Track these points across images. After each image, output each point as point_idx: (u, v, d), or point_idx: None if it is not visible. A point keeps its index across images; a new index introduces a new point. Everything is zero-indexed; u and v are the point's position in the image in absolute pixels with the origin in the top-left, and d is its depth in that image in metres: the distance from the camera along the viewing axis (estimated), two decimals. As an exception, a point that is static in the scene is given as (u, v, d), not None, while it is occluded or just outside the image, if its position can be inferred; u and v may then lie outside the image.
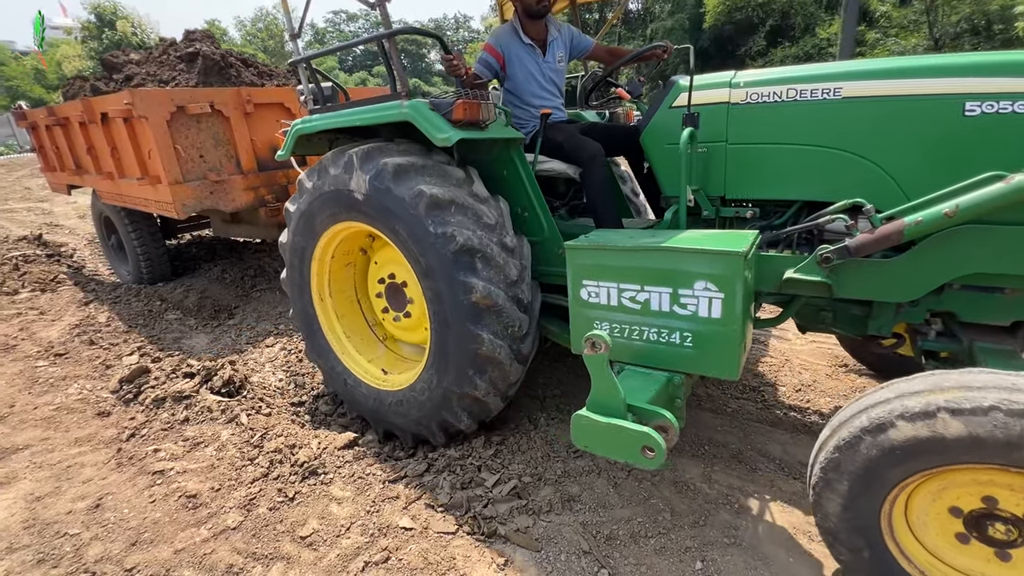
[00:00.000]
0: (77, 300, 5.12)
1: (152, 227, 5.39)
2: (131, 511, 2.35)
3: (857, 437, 1.46)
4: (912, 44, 18.66)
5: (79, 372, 3.67)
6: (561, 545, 2.05)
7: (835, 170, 2.03)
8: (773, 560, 1.94)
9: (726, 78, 2.21)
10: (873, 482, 1.47)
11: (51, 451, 2.81)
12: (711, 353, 1.86)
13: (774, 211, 2.30)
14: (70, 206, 9.99)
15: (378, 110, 2.44)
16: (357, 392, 2.83)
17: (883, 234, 1.76)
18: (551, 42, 2.98)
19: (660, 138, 2.38)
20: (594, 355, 1.71)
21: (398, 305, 2.82)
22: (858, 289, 1.93)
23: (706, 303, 1.82)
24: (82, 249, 7.15)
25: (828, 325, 2.30)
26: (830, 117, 2.00)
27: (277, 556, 2.08)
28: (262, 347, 4.01)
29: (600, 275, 2.01)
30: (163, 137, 4.02)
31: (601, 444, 1.78)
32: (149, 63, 5.42)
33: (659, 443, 1.64)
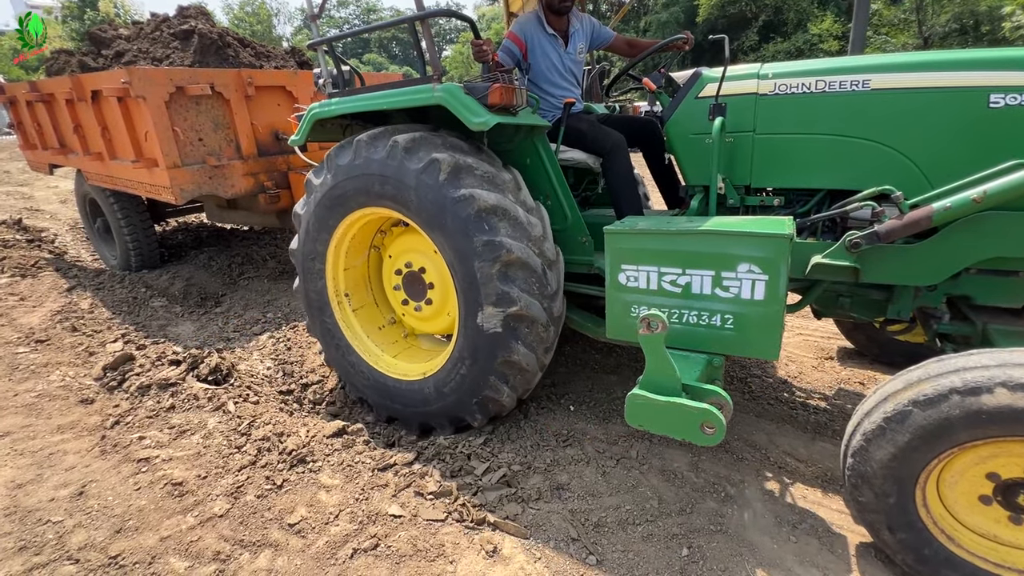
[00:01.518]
0: (59, 286, 5.01)
1: (141, 211, 5.19)
2: (115, 498, 2.32)
3: (942, 396, 1.51)
4: (902, 42, 18.86)
5: (61, 359, 3.60)
6: (550, 532, 2.07)
7: (862, 159, 2.10)
8: (758, 547, 1.97)
9: (754, 70, 2.27)
10: (939, 440, 1.52)
11: (33, 438, 2.76)
12: (753, 335, 1.91)
13: (798, 199, 2.35)
14: (51, 190, 9.76)
15: (409, 93, 2.39)
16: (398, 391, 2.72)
17: (912, 220, 1.83)
18: (573, 33, 3.00)
19: (685, 128, 2.42)
20: (650, 335, 1.76)
21: (418, 294, 2.78)
22: (884, 274, 2.00)
23: (749, 285, 1.86)
24: (64, 234, 6.99)
25: (846, 310, 2.36)
26: (859, 108, 2.06)
27: (265, 543, 2.07)
28: (250, 335, 3.97)
29: (640, 259, 2.04)
30: (161, 119, 3.85)
31: (658, 422, 1.84)
32: (140, 39, 5.15)
33: (720, 419, 1.70)
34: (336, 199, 2.59)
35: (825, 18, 20.70)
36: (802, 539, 2.01)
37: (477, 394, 2.44)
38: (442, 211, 2.26)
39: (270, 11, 40.18)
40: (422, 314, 2.82)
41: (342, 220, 2.64)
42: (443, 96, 2.26)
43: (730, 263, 1.87)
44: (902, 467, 1.60)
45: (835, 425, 2.69)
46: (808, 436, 2.62)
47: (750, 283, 1.86)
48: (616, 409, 2.87)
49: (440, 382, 2.55)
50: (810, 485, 2.29)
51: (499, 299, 2.25)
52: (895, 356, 3.11)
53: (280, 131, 4.55)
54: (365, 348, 2.88)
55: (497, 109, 2.27)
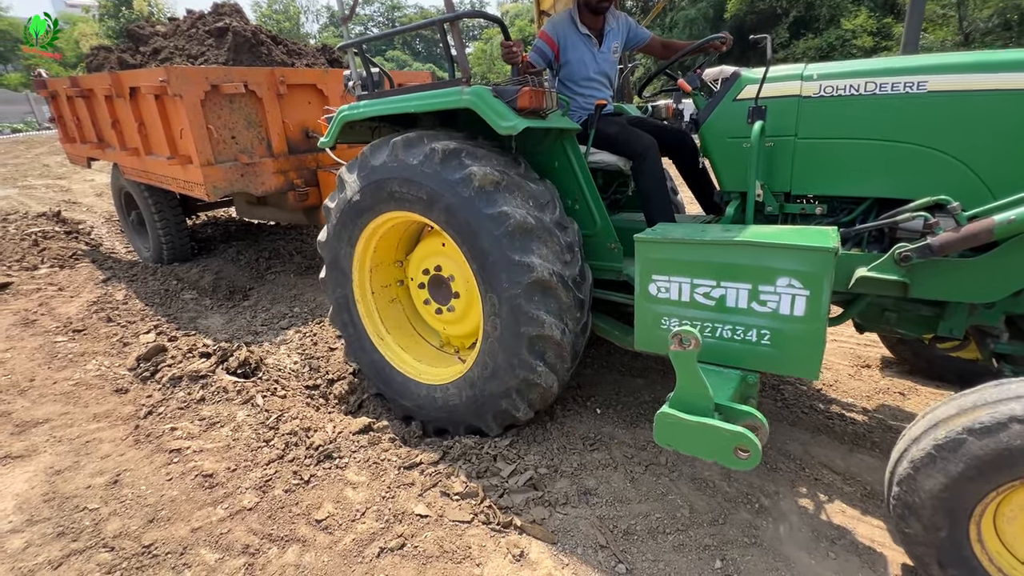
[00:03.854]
0: (95, 277, 5.16)
1: (174, 205, 5.32)
2: (148, 488, 2.37)
3: (1001, 424, 1.42)
4: (940, 38, 18.18)
5: (97, 348, 3.70)
6: (577, 538, 2.03)
7: (915, 166, 1.97)
8: (795, 562, 1.91)
9: (797, 71, 2.15)
10: (997, 472, 1.43)
11: (70, 425, 2.84)
12: (792, 352, 1.82)
13: (842, 208, 2.23)
14: (87, 184, 10.08)
15: (437, 96, 2.37)
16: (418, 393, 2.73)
17: (970, 232, 1.70)
18: (608, 32, 2.90)
19: (721, 131, 2.33)
20: (682, 351, 1.68)
21: (443, 298, 2.75)
22: (936, 289, 1.88)
23: (788, 300, 1.76)
24: (99, 227, 7.20)
25: (892, 326, 2.23)
26: (913, 112, 1.93)
27: (293, 538, 2.08)
28: (277, 329, 4.02)
29: (672, 270, 1.95)
30: (197, 117, 3.93)
31: (688, 443, 1.76)
32: (176, 36, 5.27)
33: (755, 443, 1.62)
34: (368, 199, 2.57)
35: (859, 13, 20.07)
36: (841, 556, 1.93)
37: (495, 407, 2.44)
38: (474, 226, 2.23)
39: (299, 8, 40.79)
40: (443, 317, 2.79)
41: (371, 220, 2.63)
42: (471, 99, 2.23)
43: (769, 276, 1.78)
44: (954, 499, 1.50)
45: (873, 436, 2.59)
46: (846, 447, 2.52)
47: (790, 298, 1.76)
48: (643, 414, 2.81)
49: (460, 390, 2.54)
50: (848, 499, 2.21)
51: (525, 319, 2.21)
52: (945, 372, 2.94)
53: (310, 129, 4.60)
54: (388, 347, 2.88)
55: (526, 112, 2.23)
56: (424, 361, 2.89)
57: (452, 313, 2.73)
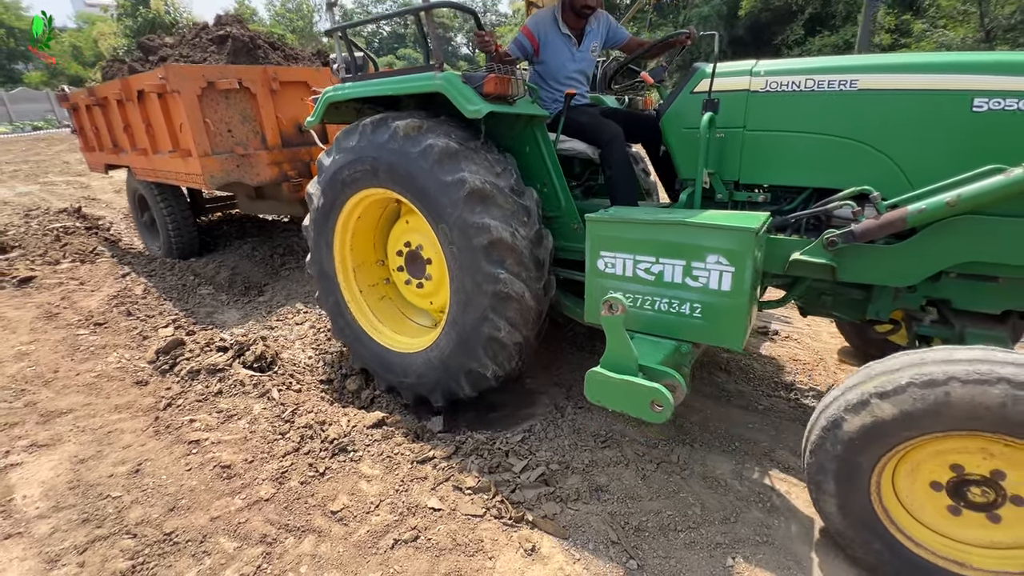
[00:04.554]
0: (114, 272, 5.27)
1: (182, 202, 5.58)
2: (169, 478, 2.43)
3: (821, 437, 1.66)
4: (961, 35, 17.81)
5: (118, 341, 3.78)
6: (589, 534, 2.05)
7: (846, 159, 2.10)
8: (806, 562, 1.91)
9: (747, 66, 2.27)
10: (894, 432, 1.57)
11: (93, 416, 2.91)
12: (719, 324, 1.98)
13: (785, 197, 2.36)
14: (106, 181, 10.26)
15: (411, 80, 2.54)
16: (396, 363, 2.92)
17: (887, 220, 1.85)
18: (588, 33, 3.01)
19: (679, 122, 2.45)
20: (611, 316, 1.87)
21: (418, 271, 2.94)
22: (860, 273, 2.02)
23: (717, 276, 1.93)
24: (118, 223, 7.35)
25: (828, 309, 2.41)
26: (845, 108, 2.06)
27: (309, 529, 2.12)
28: (292, 325, 4.08)
29: (618, 247, 2.12)
30: (194, 111, 4.16)
31: (613, 398, 1.96)
32: (182, 46, 5.61)
33: (667, 398, 1.81)
34: (343, 179, 2.76)
35: (877, 10, 19.72)
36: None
37: (464, 368, 2.57)
38: (435, 193, 2.40)
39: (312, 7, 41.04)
40: (423, 291, 2.97)
41: (349, 199, 2.81)
42: (442, 84, 2.38)
43: (700, 254, 1.94)
44: (857, 458, 1.64)
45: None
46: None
47: (718, 274, 1.92)
48: (655, 412, 2.82)
49: (432, 355, 2.70)
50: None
51: (485, 278, 2.36)
52: None
53: (303, 124, 4.75)
54: (368, 322, 3.07)
55: (493, 98, 2.36)
56: (408, 335, 3.07)
57: (430, 282, 2.88)
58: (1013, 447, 1.50)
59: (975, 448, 1.56)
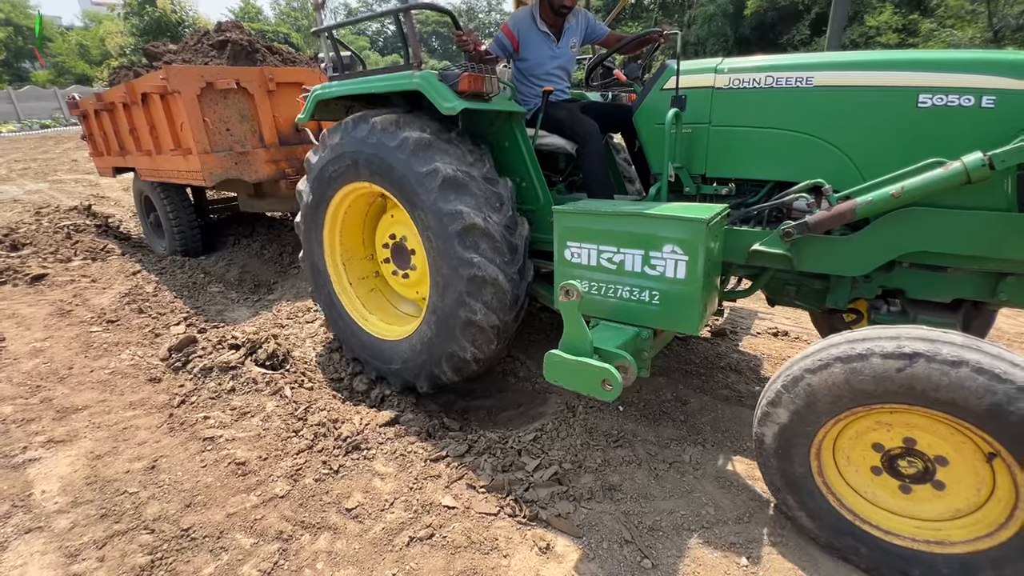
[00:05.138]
0: (125, 270, 5.30)
1: (185, 202, 5.72)
2: (184, 474, 2.45)
3: (827, 363, 1.69)
4: (969, 35, 17.71)
5: (130, 339, 3.81)
6: (603, 532, 2.06)
7: (803, 153, 2.19)
8: (822, 563, 1.91)
9: (712, 64, 2.36)
10: (830, 405, 1.67)
11: (108, 412, 2.94)
12: (675, 310, 2.08)
13: (749, 190, 2.45)
14: (115, 179, 10.32)
15: (390, 79, 2.65)
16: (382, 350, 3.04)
17: (838, 212, 1.94)
18: (566, 29, 3.07)
19: (651, 118, 2.53)
20: (567, 302, 1.96)
21: (403, 262, 3.05)
22: (815, 263, 2.12)
23: (672, 264, 2.03)
24: (128, 221, 7.40)
25: (792, 298, 2.50)
26: (801, 104, 2.16)
27: (324, 526, 2.14)
28: (302, 323, 4.10)
29: (583, 237, 2.22)
30: (194, 110, 4.30)
31: (567, 378, 2.03)
32: (185, 51, 5.80)
33: (616, 378, 1.88)
34: (329, 175, 2.88)
35: (884, 10, 19.64)
36: (868, 557, 1.93)
37: (445, 352, 2.65)
38: (412, 183, 2.49)
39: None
40: (409, 280, 3.08)
41: (335, 194, 2.93)
42: (419, 83, 2.48)
43: (657, 243, 2.04)
44: (798, 431, 1.75)
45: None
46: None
47: (673, 263, 2.02)
48: (666, 412, 2.83)
49: (415, 342, 2.80)
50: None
51: (460, 263, 2.44)
52: None
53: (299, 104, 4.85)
54: (358, 313, 3.19)
55: (469, 95, 2.43)
56: (396, 324, 3.19)
57: (415, 272, 2.97)
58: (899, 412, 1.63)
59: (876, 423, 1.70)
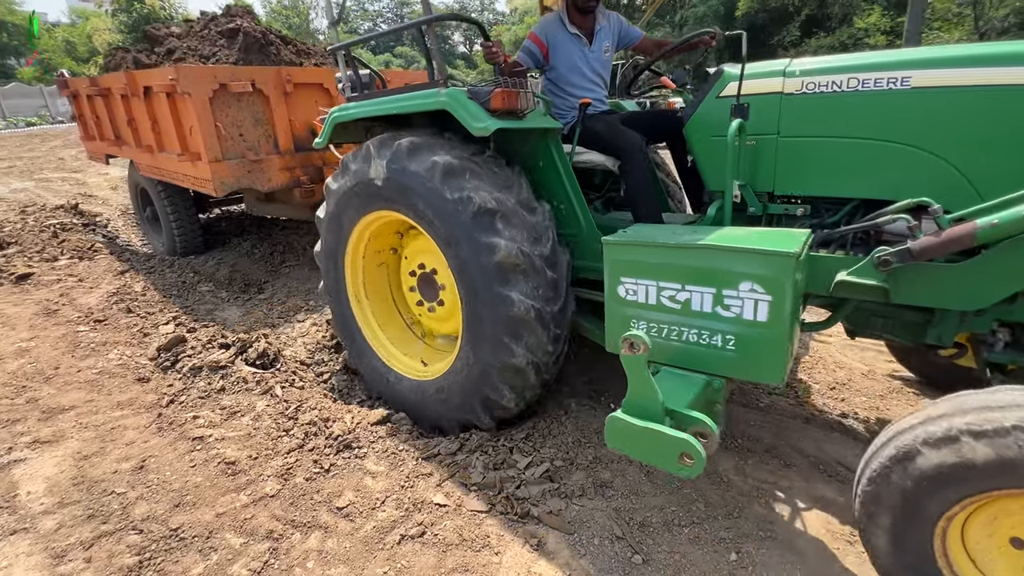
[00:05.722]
0: (113, 269, 5.24)
1: (187, 201, 5.48)
2: (173, 474, 2.43)
3: (886, 467, 1.43)
4: (956, 37, 17.96)
5: (118, 339, 3.77)
6: (594, 529, 2.07)
7: (900, 166, 1.90)
8: (810, 558, 1.93)
9: (780, 66, 2.09)
10: (914, 513, 1.40)
11: (95, 413, 2.91)
12: (755, 357, 1.77)
13: (826, 209, 2.17)
14: (103, 177, 10.19)
15: (415, 98, 2.41)
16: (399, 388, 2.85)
17: (951, 237, 1.60)
18: (598, 31, 2.90)
19: (705, 129, 2.28)
20: (632, 356, 1.66)
21: (431, 295, 2.81)
22: (919, 295, 1.78)
23: (752, 305, 1.72)
24: (115, 220, 7.30)
25: (880, 331, 2.15)
26: (896, 109, 1.86)
27: (315, 525, 2.13)
28: (293, 322, 4.08)
29: (639, 272, 1.93)
30: (205, 114, 4.04)
31: (636, 448, 1.73)
32: (190, 37, 5.44)
33: (699, 451, 1.58)
34: (351, 201, 2.70)
35: (873, 12, 19.86)
36: (857, 552, 1.96)
37: (480, 396, 2.44)
38: (441, 213, 2.28)
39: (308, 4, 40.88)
40: (436, 315, 2.83)
41: (358, 222, 2.74)
42: (447, 101, 2.26)
43: (732, 280, 1.73)
44: (928, 498, 1.41)
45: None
46: (859, 446, 2.53)
47: (752, 303, 1.71)
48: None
49: (446, 383, 2.58)
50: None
51: (497, 300, 2.22)
52: (954, 380, 2.70)
53: (316, 127, 4.65)
54: (382, 347, 2.97)
55: (502, 113, 2.22)
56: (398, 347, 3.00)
57: (444, 307, 2.76)
58: None
59: None
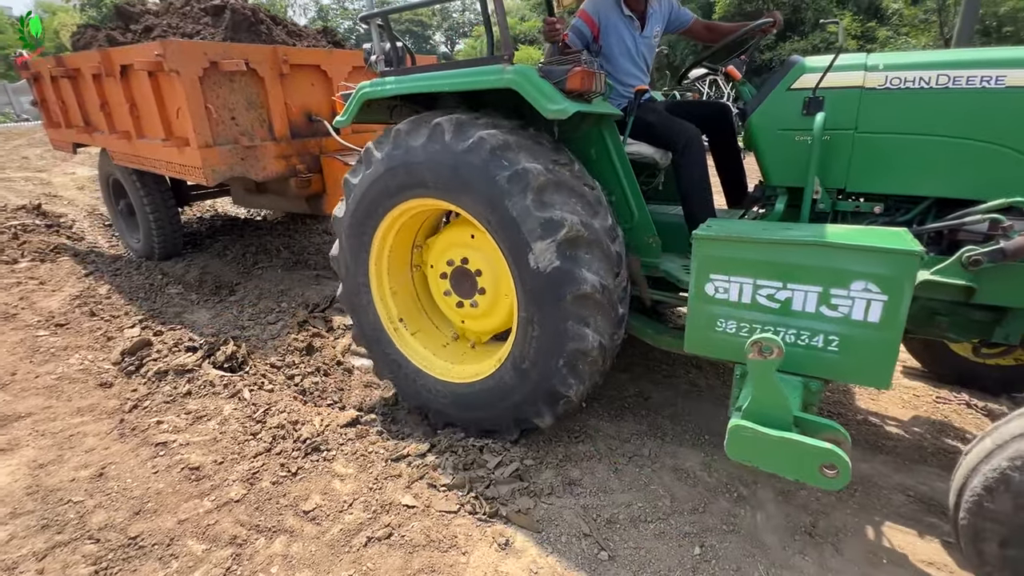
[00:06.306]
0: (77, 271, 5.08)
1: (165, 192, 5.01)
2: (134, 481, 2.37)
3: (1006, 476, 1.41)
4: (923, 43, 18.56)
5: (80, 343, 3.66)
6: (562, 527, 2.08)
7: (988, 166, 1.89)
8: (771, 548, 1.97)
9: (860, 60, 2.07)
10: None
11: (53, 419, 2.82)
12: (862, 360, 1.70)
13: (899, 207, 2.13)
14: (68, 177, 9.88)
15: (476, 74, 2.18)
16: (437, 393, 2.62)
17: None
18: (651, 15, 2.74)
19: (772, 123, 2.22)
20: (762, 360, 1.60)
21: (467, 291, 2.58)
22: (1004, 295, 1.79)
23: (863, 305, 1.66)
24: (81, 221, 7.07)
25: (942, 330, 2.11)
26: (989, 108, 1.85)
27: (280, 529, 2.10)
28: (264, 324, 4.01)
29: (734, 269, 1.83)
30: (195, 95, 3.66)
31: (767, 459, 1.67)
32: (169, 14, 4.97)
33: (845, 460, 1.52)
34: (378, 193, 2.44)
35: (844, 16, 20.39)
36: (816, 542, 2.00)
37: (544, 390, 2.25)
38: (494, 192, 2.10)
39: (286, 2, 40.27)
40: (477, 311, 2.59)
41: (386, 215, 2.49)
42: (514, 79, 2.06)
43: (843, 279, 1.66)
44: None
45: (849, 429, 2.67)
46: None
47: (864, 303, 1.65)
48: (628, 407, 2.87)
49: (497, 382, 2.38)
50: (823, 489, 2.27)
51: (564, 280, 2.06)
52: (973, 378, 2.90)
53: (313, 113, 4.40)
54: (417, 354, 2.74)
55: (574, 96, 2.09)
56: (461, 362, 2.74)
57: (484, 297, 2.52)
58: None
59: None
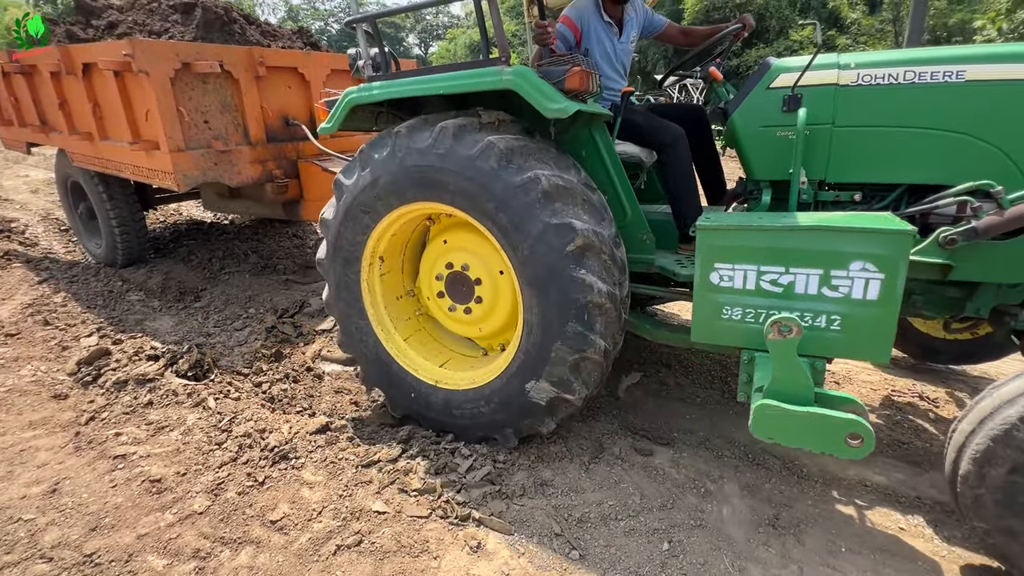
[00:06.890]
0: (30, 279, 4.85)
1: (129, 195, 4.79)
2: (90, 496, 2.27)
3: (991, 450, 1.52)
4: (879, 50, 19.40)
5: (33, 353, 3.50)
6: (533, 528, 2.09)
7: (953, 153, 2.05)
8: (737, 542, 2.02)
9: (834, 59, 2.22)
10: None
11: (2, 435, 2.68)
12: (863, 336, 1.82)
13: (875, 195, 2.29)
14: (21, 180, 9.42)
15: (474, 76, 2.20)
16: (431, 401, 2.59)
17: (1015, 215, 1.80)
18: (627, 22, 2.88)
19: (754, 120, 2.34)
20: (783, 340, 1.72)
21: (464, 296, 2.58)
22: (976, 271, 1.97)
23: (861, 285, 1.78)
24: (35, 225, 6.76)
25: (917, 308, 2.28)
26: (951, 100, 2.01)
27: (246, 540, 2.05)
28: (230, 331, 3.91)
29: (737, 257, 1.93)
30: (166, 97, 3.52)
31: (794, 434, 1.76)
32: (135, 10, 4.79)
33: (868, 429, 1.62)
34: (373, 197, 2.41)
35: (807, 26, 21.15)
36: (779, 534, 2.07)
37: (547, 395, 2.27)
38: (502, 197, 2.11)
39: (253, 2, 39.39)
40: (472, 316, 2.60)
41: (380, 221, 2.47)
42: (514, 80, 2.09)
43: (842, 261, 1.78)
44: None
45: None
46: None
47: (863, 282, 1.77)
48: (599, 407, 2.90)
49: (498, 389, 2.38)
50: (787, 482, 2.36)
51: (573, 287, 2.10)
52: (935, 353, 3.14)
53: (290, 116, 4.30)
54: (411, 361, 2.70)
55: (572, 96, 2.17)
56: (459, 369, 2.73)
57: (482, 305, 2.53)
58: None
59: None
